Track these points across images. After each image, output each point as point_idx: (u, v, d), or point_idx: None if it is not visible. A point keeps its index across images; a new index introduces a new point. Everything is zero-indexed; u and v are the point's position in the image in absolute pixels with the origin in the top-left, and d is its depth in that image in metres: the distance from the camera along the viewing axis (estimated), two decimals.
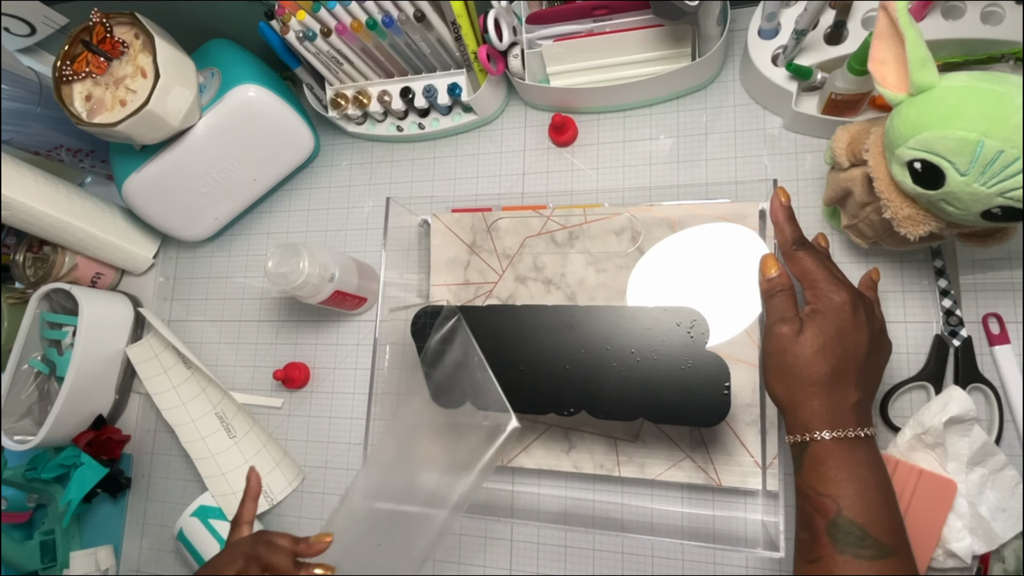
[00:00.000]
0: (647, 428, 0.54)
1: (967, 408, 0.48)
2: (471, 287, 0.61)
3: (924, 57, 0.37)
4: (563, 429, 0.57)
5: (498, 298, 0.60)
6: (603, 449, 0.55)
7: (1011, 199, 0.36)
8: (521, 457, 0.58)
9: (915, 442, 0.49)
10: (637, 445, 0.55)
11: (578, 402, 0.48)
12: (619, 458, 0.55)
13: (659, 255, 0.56)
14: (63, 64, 0.59)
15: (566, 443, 0.57)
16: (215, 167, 0.67)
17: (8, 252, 0.76)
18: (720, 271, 0.53)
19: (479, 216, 0.61)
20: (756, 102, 0.60)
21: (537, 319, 0.49)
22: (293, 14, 0.61)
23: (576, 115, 0.66)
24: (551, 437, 0.57)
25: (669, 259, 0.55)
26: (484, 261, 0.61)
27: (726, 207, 0.54)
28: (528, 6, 0.59)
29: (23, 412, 0.71)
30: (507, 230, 0.60)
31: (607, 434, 0.55)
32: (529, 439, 0.58)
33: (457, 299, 0.61)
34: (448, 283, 0.62)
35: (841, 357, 0.39)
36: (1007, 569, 0.47)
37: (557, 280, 0.58)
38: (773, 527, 0.47)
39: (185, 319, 0.77)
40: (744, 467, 0.51)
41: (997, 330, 0.51)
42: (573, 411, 0.48)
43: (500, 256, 0.60)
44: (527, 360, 0.49)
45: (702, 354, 0.45)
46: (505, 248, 0.60)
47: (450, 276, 0.62)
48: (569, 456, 0.56)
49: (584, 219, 0.58)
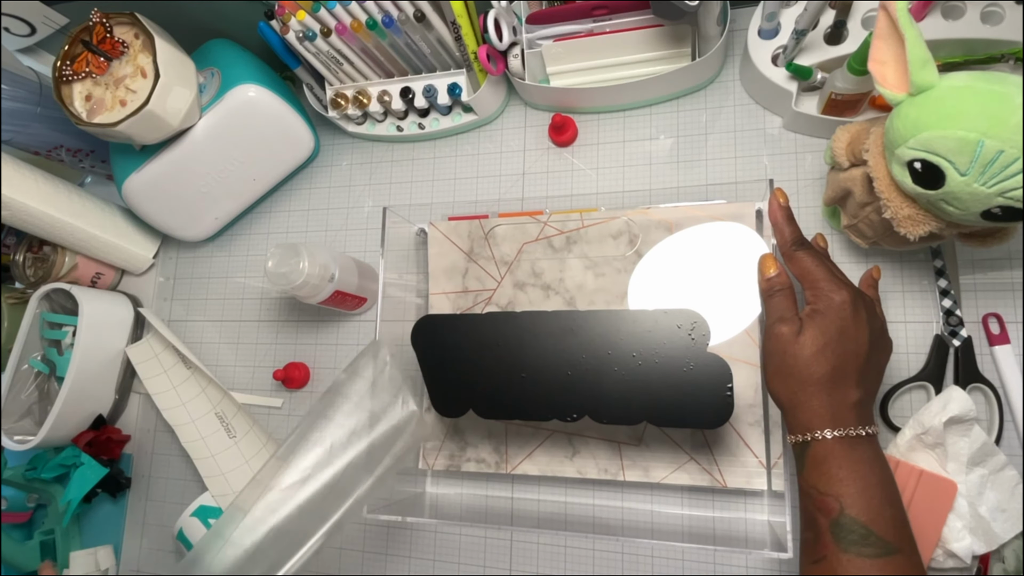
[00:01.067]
0: (650, 431, 0.54)
1: (967, 408, 0.47)
2: (470, 295, 0.61)
3: (924, 57, 0.37)
4: (566, 435, 0.57)
5: (497, 305, 0.60)
6: (607, 454, 0.55)
7: (1011, 199, 0.36)
8: (525, 464, 0.58)
9: (915, 442, 0.49)
10: (641, 449, 0.55)
11: (580, 407, 0.47)
12: (623, 462, 0.55)
13: (658, 257, 0.56)
14: (63, 64, 0.59)
15: (570, 449, 0.57)
16: (215, 167, 0.67)
17: (8, 252, 0.76)
18: (719, 272, 0.53)
19: (476, 223, 0.61)
20: (756, 102, 0.60)
21: (537, 325, 0.49)
22: (293, 14, 0.61)
23: (576, 115, 0.66)
24: (554, 443, 0.57)
25: (668, 261, 0.55)
26: (482, 268, 0.61)
27: (723, 208, 0.54)
28: (528, 6, 0.59)
29: (23, 412, 0.71)
30: (504, 236, 0.60)
31: (611, 438, 0.55)
32: (532, 446, 0.58)
33: (456, 307, 0.61)
34: (447, 291, 0.62)
35: (841, 356, 0.39)
36: (1007, 569, 0.47)
37: (556, 285, 0.58)
38: (780, 527, 0.47)
39: (185, 319, 0.77)
40: (749, 468, 0.51)
41: (997, 330, 0.51)
42: (576, 416, 0.47)
43: (498, 263, 0.60)
44: (528, 367, 0.49)
45: (704, 356, 0.45)
46: (503, 255, 0.60)
47: (448, 284, 0.62)
48: (573, 462, 0.56)
49: (581, 223, 0.58)
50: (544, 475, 0.57)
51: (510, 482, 0.60)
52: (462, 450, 0.60)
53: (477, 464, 0.59)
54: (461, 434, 0.60)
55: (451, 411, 0.52)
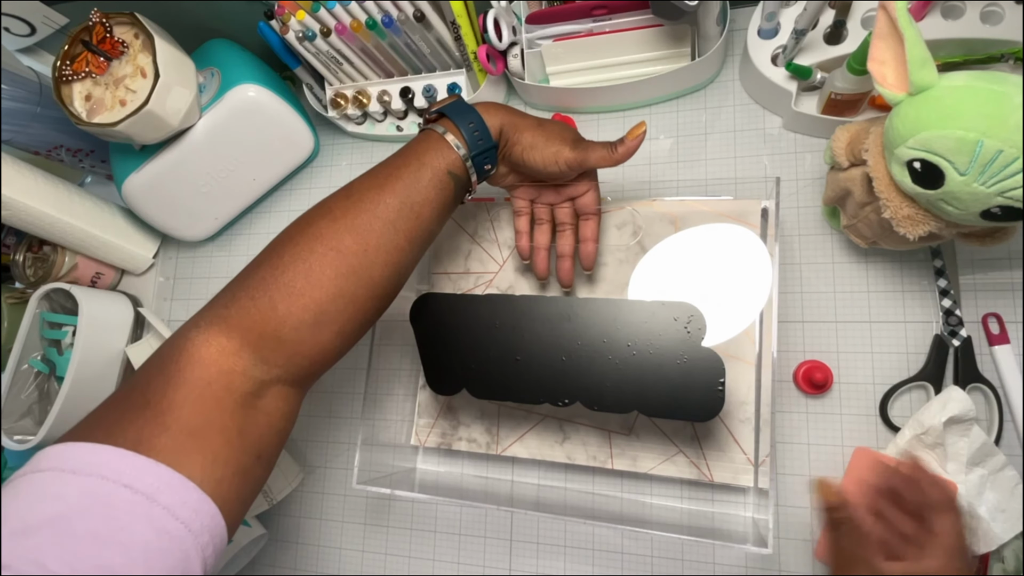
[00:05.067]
0: (641, 422, 0.55)
1: (966, 408, 0.47)
2: (471, 276, 0.61)
3: (923, 57, 0.37)
4: (558, 420, 0.57)
5: (498, 288, 0.60)
6: (597, 441, 0.56)
7: (1010, 199, 0.36)
8: (515, 447, 0.58)
9: (915, 442, 0.49)
10: (631, 438, 0.55)
11: (573, 393, 0.48)
12: (612, 451, 0.55)
13: (660, 250, 0.56)
14: (63, 64, 0.59)
15: (560, 434, 0.57)
16: (215, 167, 0.67)
17: (8, 252, 0.76)
18: (720, 269, 0.53)
19: (482, 206, 0.61)
20: (756, 102, 0.60)
21: (535, 310, 0.49)
22: (293, 14, 0.61)
23: (576, 115, 0.66)
24: (546, 427, 0.57)
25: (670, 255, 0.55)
26: (485, 251, 0.61)
27: (729, 204, 0.54)
28: (528, 6, 0.59)
29: (23, 412, 0.71)
30: (509, 221, 0.60)
31: (601, 426, 0.56)
32: (524, 429, 0.58)
33: (457, 288, 0.61)
34: (448, 271, 0.62)
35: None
36: (1007, 569, 0.47)
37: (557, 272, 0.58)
38: (763, 524, 0.48)
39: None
40: (737, 464, 0.52)
41: (997, 330, 0.51)
42: (568, 402, 0.48)
43: (501, 246, 0.60)
44: (524, 350, 0.49)
45: (698, 350, 0.45)
46: (506, 239, 0.60)
47: (450, 264, 0.62)
48: (563, 447, 0.57)
49: None
50: (534, 458, 0.58)
51: (500, 463, 0.61)
52: (454, 429, 0.60)
53: (468, 443, 0.59)
54: (454, 413, 0.61)
55: (445, 389, 0.53)
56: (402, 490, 0.55)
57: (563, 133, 0.47)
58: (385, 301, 0.43)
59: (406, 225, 0.42)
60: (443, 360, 0.52)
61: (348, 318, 0.40)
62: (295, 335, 0.38)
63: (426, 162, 0.43)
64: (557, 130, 0.47)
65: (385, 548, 0.64)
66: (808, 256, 0.56)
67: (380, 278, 0.41)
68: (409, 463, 0.62)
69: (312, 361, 0.39)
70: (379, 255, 0.40)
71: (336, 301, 0.39)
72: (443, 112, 0.46)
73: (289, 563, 0.67)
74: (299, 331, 0.38)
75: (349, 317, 0.40)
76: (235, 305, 0.38)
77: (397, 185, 0.42)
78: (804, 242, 0.57)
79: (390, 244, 0.41)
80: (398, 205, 0.41)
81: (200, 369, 0.35)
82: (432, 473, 0.62)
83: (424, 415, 0.62)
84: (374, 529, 0.64)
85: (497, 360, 0.50)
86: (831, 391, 0.54)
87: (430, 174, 0.43)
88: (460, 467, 0.62)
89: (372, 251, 0.40)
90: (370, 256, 0.40)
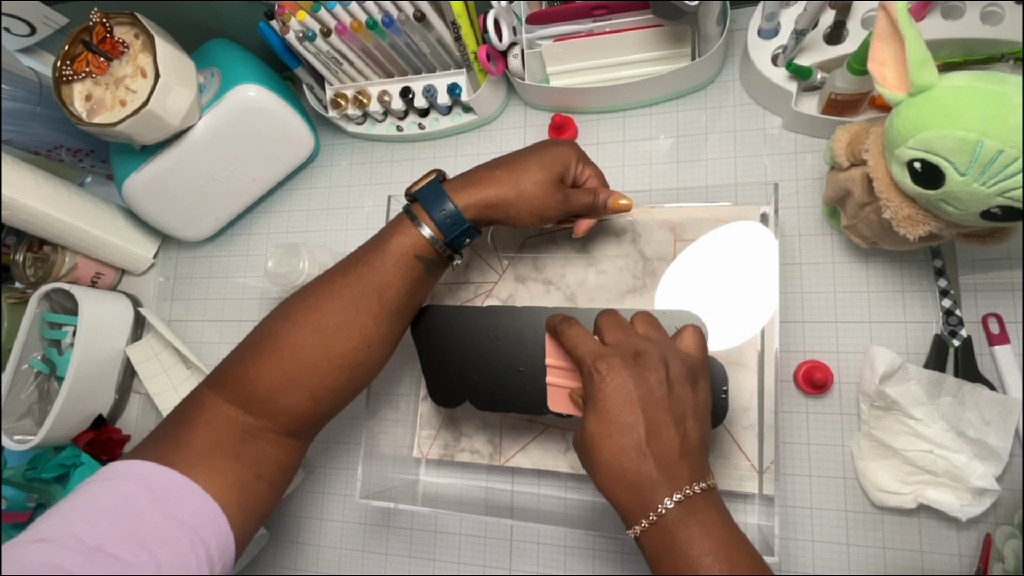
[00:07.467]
0: None
1: (890, 359, 0.49)
2: (471, 286, 0.61)
3: (923, 57, 0.37)
4: (560, 430, 0.57)
5: (497, 298, 0.60)
6: None
7: (1010, 199, 0.36)
8: (518, 457, 0.58)
9: (878, 412, 0.50)
10: None
11: None
12: None
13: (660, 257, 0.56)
14: (63, 64, 0.59)
15: (564, 443, 0.57)
16: (215, 167, 0.67)
17: (8, 252, 0.76)
18: (721, 275, 0.53)
19: None
20: (756, 102, 0.60)
21: (537, 320, 0.49)
22: (293, 14, 0.61)
23: (576, 115, 0.66)
24: (549, 437, 0.57)
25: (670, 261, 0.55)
26: (484, 260, 0.61)
27: (727, 210, 0.54)
28: (528, 6, 0.59)
29: (23, 412, 0.71)
30: (507, 230, 0.60)
31: None
32: (527, 439, 0.58)
33: (456, 298, 0.61)
34: (448, 282, 0.62)
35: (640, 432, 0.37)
36: (1007, 569, 0.47)
37: (557, 281, 0.58)
38: (768, 531, 0.47)
39: (185, 319, 0.77)
40: (741, 471, 0.51)
41: (997, 330, 0.51)
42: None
43: (500, 256, 0.60)
44: (526, 361, 0.49)
45: None
46: (506, 248, 0.60)
47: (450, 275, 0.62)
48: (566, 456, 0.56)
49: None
50: (537, 468, 0.57)
51: (502, 473, 0.60)
52: (456, 440, 0.60)
53: (471, 455, 0.59)
54: (456, 424, 0.60)
55: (448, 401, 0.53)
56: (405, 503, 0.55)
57: (546, 196, 0.47)
58: (358, 370, 0.47)
59: (367, 304, 0.46)
60: (445, 372, 0.52)
61: (316, 384, 0.46)
62: (269, 395, 0.45)
63: (391, 249, 0.46)
64: (540, 194, 0.47)
65: (385, 548, 0.64)
66: (808, 256, 0.56)
67: (344, 351, 0.46)
68: (412, 475, 0.62)
69: (293, 417, 0.46)
70: (340, 332, 0.45)
71: (300, 371, 0.45)
72: (416, 197, 0.48)
73: (289, 563, 0.67)
74: (272, 392, 0.45)
75: (317, 383, 0.46)
76: (230, 367, 0.47)
77: (362, 270, 0.46)
78: (804, 242, 0.57)
79: (351, 323, 0.46)
80: (360, 289, 0.46)
81: (206, 411, 0.45)
82: (434, 485, 0.62)
83: (426, 427, 0.61)
84: (374, 529, 0.64)
85: (500, 372, 0.50)
86: (831, 391, 0.54)
87: (394, 260, 0.46)
88: (462, 478, 0.62)
89: (332, 328, 0.45)
90: (330, 333, 0.45)
